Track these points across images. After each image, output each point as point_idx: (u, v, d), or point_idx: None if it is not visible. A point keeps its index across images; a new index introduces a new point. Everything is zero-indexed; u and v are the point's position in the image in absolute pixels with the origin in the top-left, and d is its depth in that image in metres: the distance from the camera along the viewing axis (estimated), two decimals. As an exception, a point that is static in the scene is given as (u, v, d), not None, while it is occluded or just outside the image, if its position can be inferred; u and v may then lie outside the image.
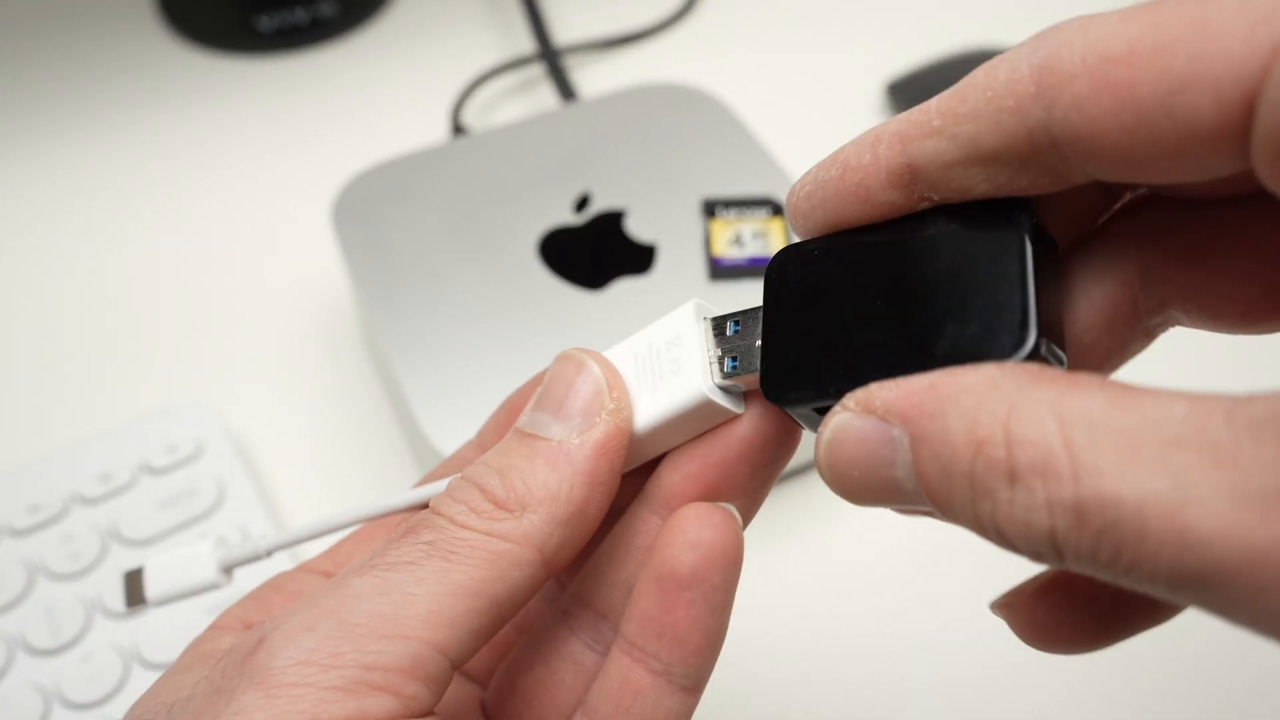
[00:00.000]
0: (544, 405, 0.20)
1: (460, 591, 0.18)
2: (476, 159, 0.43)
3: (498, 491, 0.19)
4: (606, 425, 0.19)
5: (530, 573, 0.18)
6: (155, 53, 0.60)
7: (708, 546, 0.19)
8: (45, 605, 0.35)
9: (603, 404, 0.20)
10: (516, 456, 0.19)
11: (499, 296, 0.38)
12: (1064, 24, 0.16)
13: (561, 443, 0.19)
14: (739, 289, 0.38)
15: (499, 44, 0.60)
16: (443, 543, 0.18)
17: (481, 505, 0.18)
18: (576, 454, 0.19)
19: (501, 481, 0.19)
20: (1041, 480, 0.13)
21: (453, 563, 0.18)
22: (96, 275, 0.48)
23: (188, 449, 0.39)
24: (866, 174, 0.18)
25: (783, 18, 0.61)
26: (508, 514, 0.18)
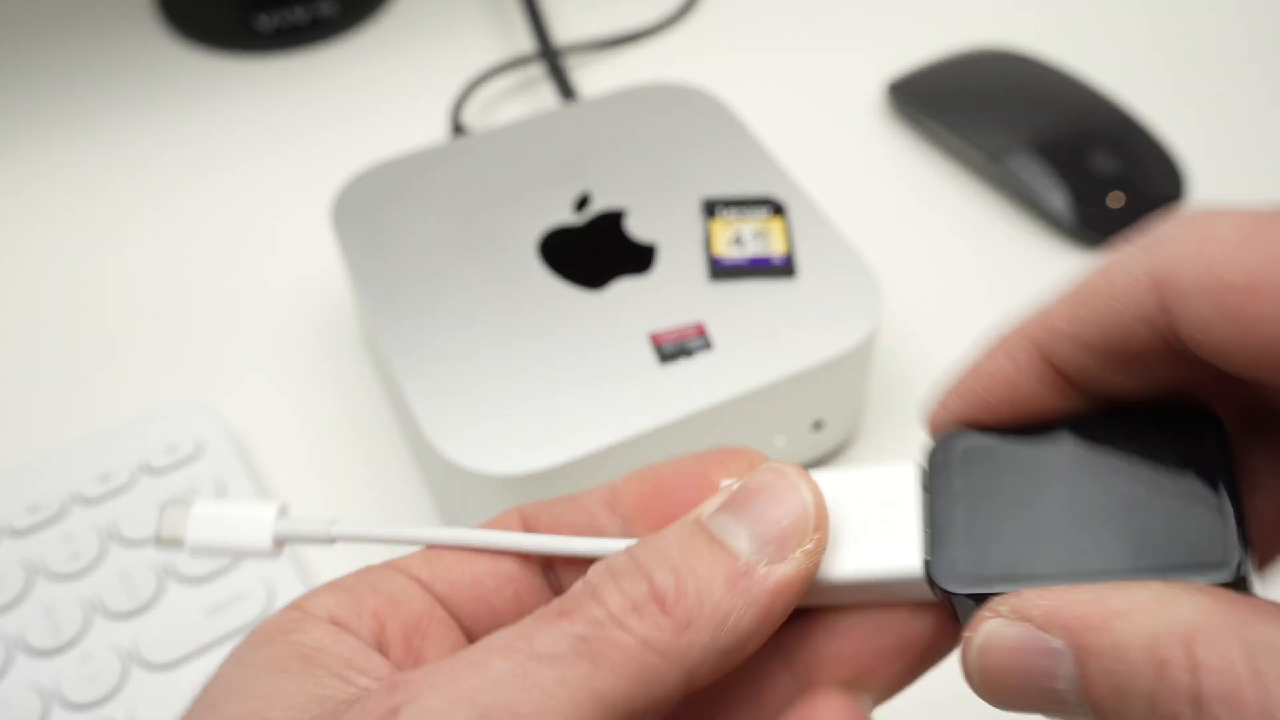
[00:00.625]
0: (741, 514, 0.18)
1: (599, 701, 0.16)
2: (476, 159, 0.43)
3: (668, 592, 0.17)
4: (799, 564, 0.17)
5: (670, 694, 0.17)
6: (154, 52, 0.60)
7: None
8: (45, 605, 0.35)
9: (804, 538, 0.18)
10: (697, 559, 0.17)
11: (499, 296, 0.38)
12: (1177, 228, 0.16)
13: (750, 565, 0.17)
14: (739, 289, 0.37)
15: (499, 43, 0.60)
16: (594, 640, 0.16)
17: (646, 603, 0.17)
18: (760, 585, 0.17)
19: (675, 583, 0.17)
20: (1227, 709, 0.13)
21: (599, 667, 0.16)
22: (96, 275, 0.48)
23: (187, 449, 0.39)
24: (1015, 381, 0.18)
25: (783, 17, 0.61)
26: (670, 623, 0.16)
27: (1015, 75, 0.53)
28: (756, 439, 0.37)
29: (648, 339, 0.36)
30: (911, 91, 0.54)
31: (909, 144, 0.54)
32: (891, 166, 0.53)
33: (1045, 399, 0.18)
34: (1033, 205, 0.49)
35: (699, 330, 0.36)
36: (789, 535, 0.17)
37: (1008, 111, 0.51)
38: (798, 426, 0.38)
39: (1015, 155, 0.49)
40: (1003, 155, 0.49)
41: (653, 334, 0.36)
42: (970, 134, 0.51)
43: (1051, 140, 0.50)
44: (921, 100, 0.53)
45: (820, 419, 0.38)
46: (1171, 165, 0.50)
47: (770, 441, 0.38)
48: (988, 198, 0.51)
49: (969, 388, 0.19)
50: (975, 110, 0.52)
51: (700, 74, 0.55)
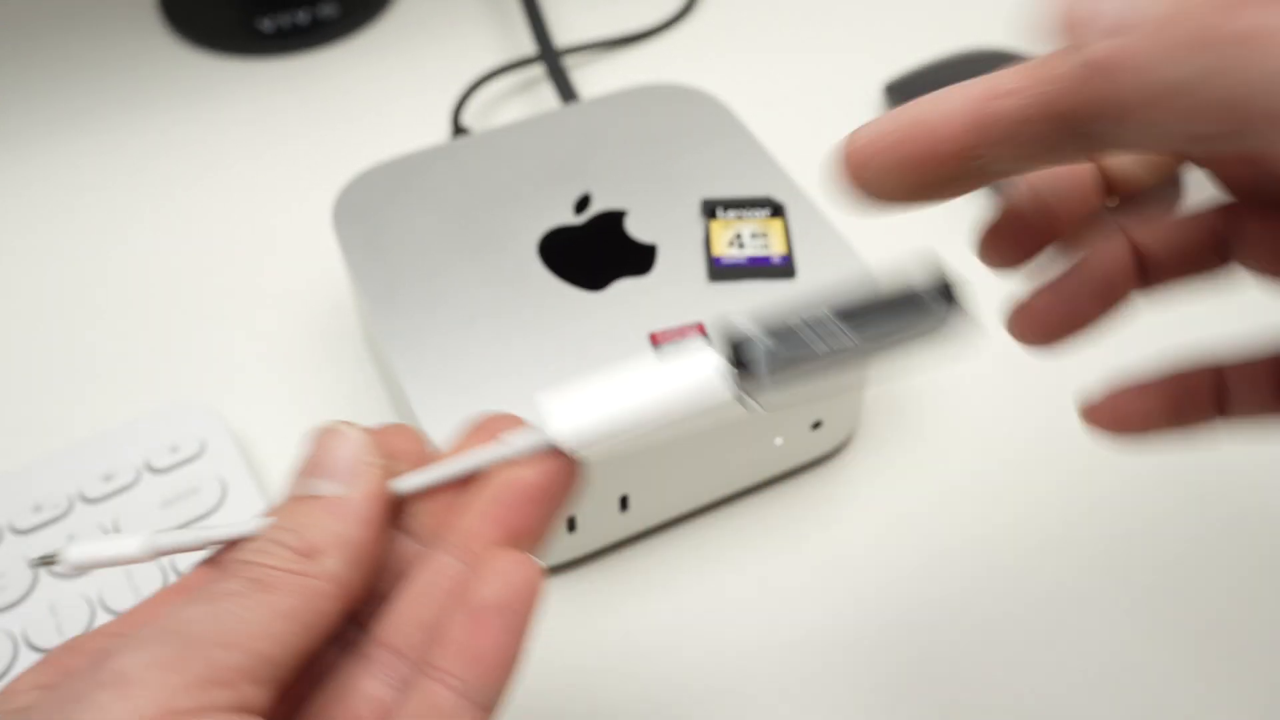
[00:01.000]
0: (315, 471, 0.23)
1: (282, 615, 0.21)
2: (477, 159, 0.43)
3: (296, 543, 0.22)
4: (375, 477, 0.23)
5: (334, 604, 0.22)
6: (157, 53, 0.60)
7: (516, 579, 0.22)
8: (49, 603, 0.35)
9: (367, 459, 0.23)
10: (305, 515, 0.22)
11: (499, 297, 0.38)
12: None
13: (339, 496, 0.23)
14: (739, 289, 0.38)
15: (499, 45, 0.60)
16: (263, 579, 0.21)
17: (288, 556, 0.22)
18: (355, 501, 0.23)
19: (299, 535, 0.22)
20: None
21: (273, 595, 0.21)
22: (98, 275, 0.49)
23: (190, 448, 0.39)
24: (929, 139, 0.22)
25: (782, 18, 0.61)
26: (308, 559, 0.22)
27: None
28: (756, 439, 0.37)
29: (648, 339, 0.36)
30: (908, 92, 0.54)
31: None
32: (890, 167, 0.53)
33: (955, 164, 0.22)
34: (1031, 206, 0.49)
35: (699, 330, 0.36)
36: (354, 463, 0.23)
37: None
38: (797, 426, 0.38)
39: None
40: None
41: (653, 334, 0.36)
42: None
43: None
44: (920, 101, 0.53)
45: (819, 419, 0.38)
46: (1169, 166, 0.50)
47: (770, 441, 0.38)
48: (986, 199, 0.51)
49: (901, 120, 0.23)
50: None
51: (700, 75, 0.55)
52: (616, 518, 0.37)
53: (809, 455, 0.40)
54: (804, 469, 0.40)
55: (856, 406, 0.40)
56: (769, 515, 0.39)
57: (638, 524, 0.38)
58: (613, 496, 0.36)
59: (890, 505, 0.39)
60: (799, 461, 0.40)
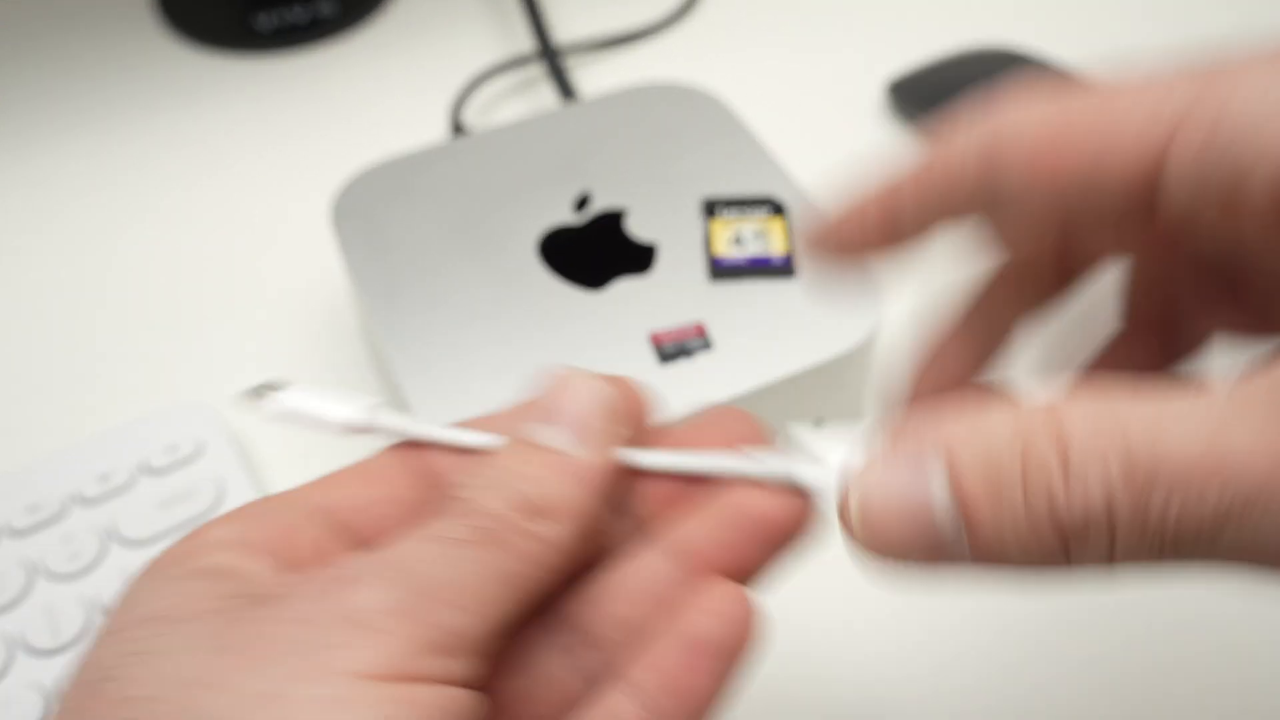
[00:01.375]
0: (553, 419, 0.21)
1: (507, 581, 0.19)
2: (476, 158, 0.43)
3: (529, 500, 0.20)
4: (612, 442, 0.21)
5: (553, 574, 0.20)
6: (154, 52, 0.60)
7: (737, 624, 0.20)
8: (45, 605, 0.35)
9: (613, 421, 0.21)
10: (536, 467, 0.20)
11: (499, 296, 0.38)
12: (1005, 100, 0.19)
13: (581, 461, 0.20)
14: (739, 289, 0.38)
15: (499, 43, 0.60)
16: (494, 532, 0.19)
17: (517, 512, 0.20)
18: (589, 468, 0.20)
19: (534, 489, 0.20)
20: (1097, 453, 0.14)
21: (503, 555, 0.19)
22: (96, 274, 0.48)
23: (187, 449, 0.39)
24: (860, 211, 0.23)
25: (783, 17, 0.61)
26: (541, 519, 0.20)
27: (1015, 75, 0.53)
28: (756, 439, 0.37)
29: (648, 339, 0.36)
30: (911, 91, 0.54)
31: (909, 143, 0.54)
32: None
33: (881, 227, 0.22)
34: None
35: (699, 330, 0.36)
36: (596, 421, 0.21)
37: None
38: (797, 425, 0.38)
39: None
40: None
41: (653, 334, 0.36)
42: (970, 134, 0.51)
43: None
44: (921, 100, 0.53)
45: (820, 418, 0.38)
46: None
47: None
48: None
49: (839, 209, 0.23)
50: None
51: (700, 74, 0.55)
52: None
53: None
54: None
55: (858, 406, 0.40)
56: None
57: (638, 525, 0.38)
58: (613, 497, 0.36)
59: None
60: (800, 462, 0.40)
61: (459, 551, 0.19)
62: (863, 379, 0.39)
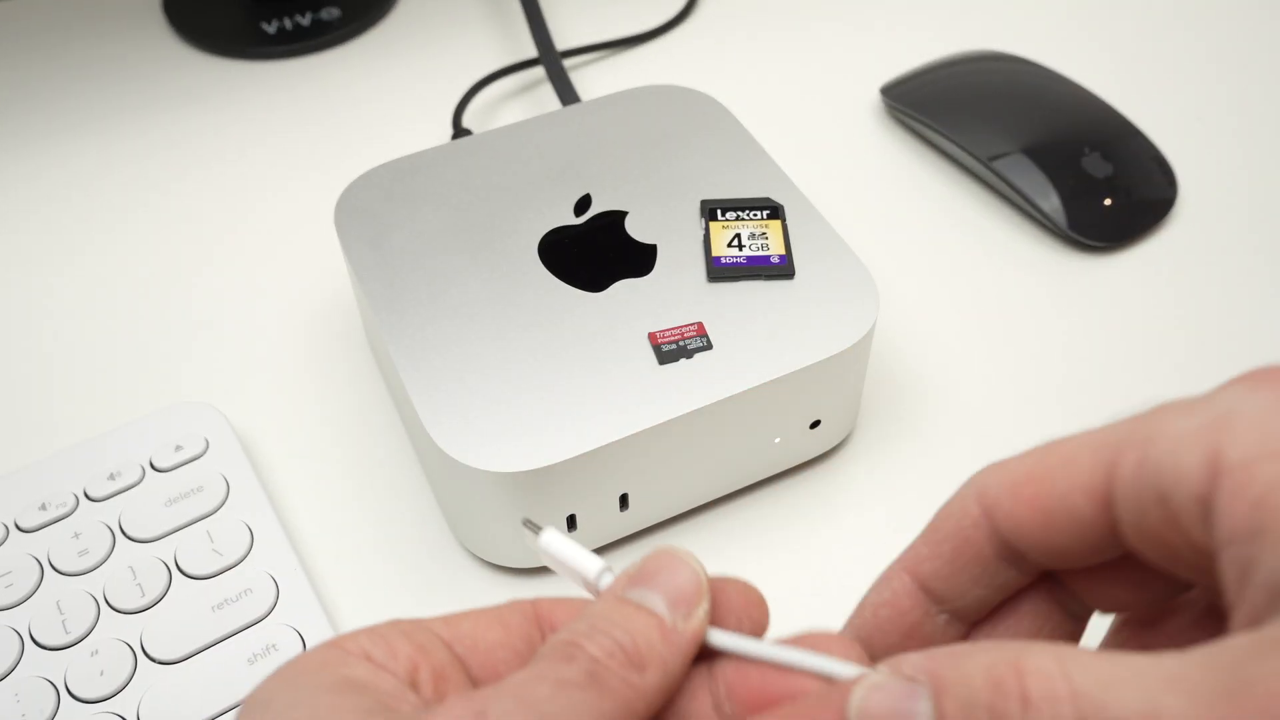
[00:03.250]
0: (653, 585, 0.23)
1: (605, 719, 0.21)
2: (478, 160, 0.43)
3: (628, 645, 0.22)
4: (702, 618, 0.23)
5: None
6: (161, 56, 0.61)
7: None
8: (54, 601, 0.35)
9: (701, 599, 0.23)
10: (636, 623, 0.22)
11: (500, 296, 0.38)
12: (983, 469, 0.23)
13: (672, 623, 0.22)
14: (738, 290, 0.38)
15: (500, 47, 0.60)
16: (599, 674, 0.21)
17: (618, 654, 0.22)
18: (682, 635, 0.22)
19: (630, 640, 0.22)
20: (1049, 704, 0.17)
21: (603, 698, 0.21)
22: (102, 274, 0.49)
23: (194, 447, 0.39)
24: (896, 604, 0.24)
25: (781, 20, 0.62)
26: (635, 668, 0.22)
27: (1008, 78, 0.54)
28: (755, 438, 0.38)
29: (647, 339, 0.37)
30: (903, 95, 0.54)
31: (904, 146, 0.54)
32: (888, 169, 0.53)
33: (919, 621, 0.24)
34: (1025, 208, 0.49)
35: (698, 330, 0.37)
36: (691, 597, 0.23)
37: (1000, 115, 0.52)
38: (796, 426, 0.38)
39: (1008, 159, 0.50)
40: (995, 159, 0.50)
41: (652, 334, 0.37)
42: (963, 138, 0.51)
43: (1044, 144, 0.50)
44: (914, 104, 0.53)
45: (818, 418, 0.39)
46: (1163, 168, 0.51)
47: (769, 441, 0.38)
48: (982, 199, 0.51)
49: (863, 618, 0.24)
50: (968, 114, 0.52)
51: (700, 76, 0.56)
52: (616, 516, 0.37)
53: (808, 454, 0.40)
54: (803, 468, 0.41)
55: (855, 405, 0.41)
56: (768, 513, 0.40)
57: (638, 522, 0.38)
58: (613, 495, 0.36)
59: (889, 503, 0.40)
60: (798, 460, 0.40)
61: (569, 692, 0.20)
62: (860, 378, 0.40)
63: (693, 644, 0.23)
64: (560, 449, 0.34)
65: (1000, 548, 0.22)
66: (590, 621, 0.22)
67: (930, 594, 0.23)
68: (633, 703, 0.21)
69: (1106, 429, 0.21)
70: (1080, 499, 0.21)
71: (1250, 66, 0.58)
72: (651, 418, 0.35)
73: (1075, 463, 0.21)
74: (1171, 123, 0.54)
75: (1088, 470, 0.21)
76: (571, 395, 0.35)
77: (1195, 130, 0.54)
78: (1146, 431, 0.20)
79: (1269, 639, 0.17)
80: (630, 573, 0.24)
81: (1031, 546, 0.22)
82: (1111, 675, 0.17)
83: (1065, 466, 0.21)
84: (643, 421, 0.34)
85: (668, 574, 0.23)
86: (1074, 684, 0.17)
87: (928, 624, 0.24)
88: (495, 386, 0.35)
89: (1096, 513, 0.21)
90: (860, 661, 0.22)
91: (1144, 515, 0.20)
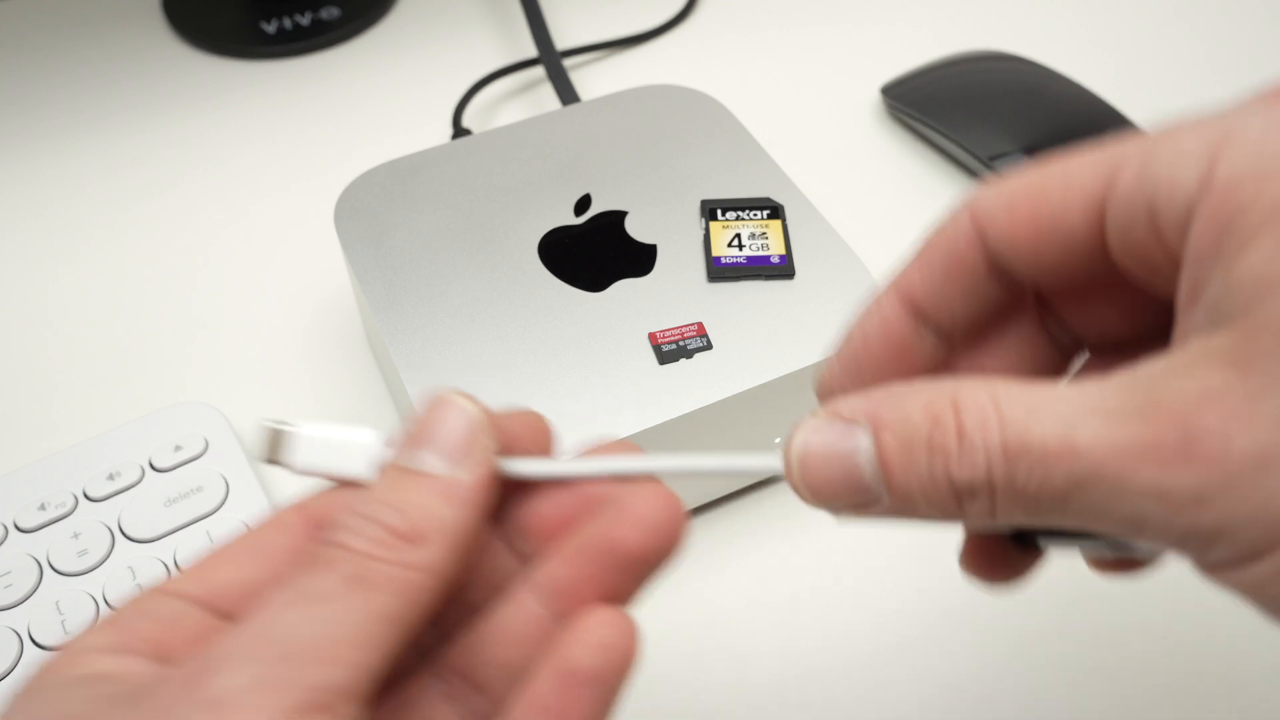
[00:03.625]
0: (424, 443, 0.21)
1: (381, 618, 0.19)
2: (478, 160, 0.43)
3: (399, 524, 0.20)
4: (489, 461, 0.21)
5: (432, 598, 0.20)
6: (160, 55, 0.61)
7: (613, 650, 0.20)
8: (53, 601, 0.35)
9: (482, 439, 0.21)
10: (409, 492, 0.21)
11: (500, 297, 0.38)
12: (979, 187, 0.22)
13: (449, 478, 0.21)
14: (738, 289, 0.38)
15: (500, 47, 0.60)
16: (361, 574, 0.20)
17: (387, 538, 0.20)
18: (466, 485, 0.21)
19: (401, 516, 0.20)
20: (981, 433, 0.18)
21: (372, 595, 0.19)
22: (101, 274, 0.49)
23: (193, 447, 0.39)
24: (888, 327, 0.23)
25: (781, 20, 0.62)
26: (411, 546, 0.20)
27: (1008, 78, 0.54)
28: (755, 438, 0.38)
29: (647, 339, 0.37)
30: (904, 94, 0.54)
31: (904, 146, 0.54)
32: (887, 169, 0.53)
33: (908, 338, 0.23)
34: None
35: (698, 330, 0.37)
36: (468, 440, 0.21)
37: (1001, 115, 0.52)
38: (795, 425, 0.38)
39: (1007, 158, 0.50)
40: (996, 159, 0.50)
41: (652, 334, 0.37)
42: (964, 137, 0.51)
43: (1044, 143, 0.50)
44: (914, 103, 0.53)
45: (818, 418, 0.39)
46: (1166, 167, 0.51)
47: (769, 441, 0.38)
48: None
49: (853, 345, 0.24)
50: (967, 113, 0.52)
51: (700, 76, 0.56)
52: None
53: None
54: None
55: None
56: (768, 513, 0.40)
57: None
58: (613, 495, 0.36)
59: (888, 504, 0.40)
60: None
61: (325, 607, 0.19)
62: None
63: (479, 490, 0.21)
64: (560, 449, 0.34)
65: (990, 262, 0.22)
66: (356, 509, 0.21)
67: (918, 313, 0.23)
68: (417, 586, 0.20)
69: (1111, 145, 0.21)
70: (1075, 212, 0.21)
71: (1251, 66, 0.58)
72: (651, 418, 0.34)
73: (1075, 176, 0.21)
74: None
75: (1087, 184, 0.20)
76: (571, 395, 0.35)
77: (1196, 130, 0.54)
78: (1150, 145, 0.20)
79: (1182, 361, 0.18)
80: (402, 438, 0.22)
81: (1021, 260, 0.22)
82: (1036, 403, 0.18)
83: (1064, 180, 0.21)
84: (643, 421, 0.34)
85: (438, 425, 0.21)
86: (1002, 414, 0.18)
87: (915, 344, 0.23)
88: (495, 386, 0.35)
89: (1090, 226, 0.20)
90: None
91: (1133, 226, 0.20)
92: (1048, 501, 0.18)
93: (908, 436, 0.19)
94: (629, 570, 0.21)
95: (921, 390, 0.19)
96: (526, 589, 0.22)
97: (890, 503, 0.19)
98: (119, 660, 0.20)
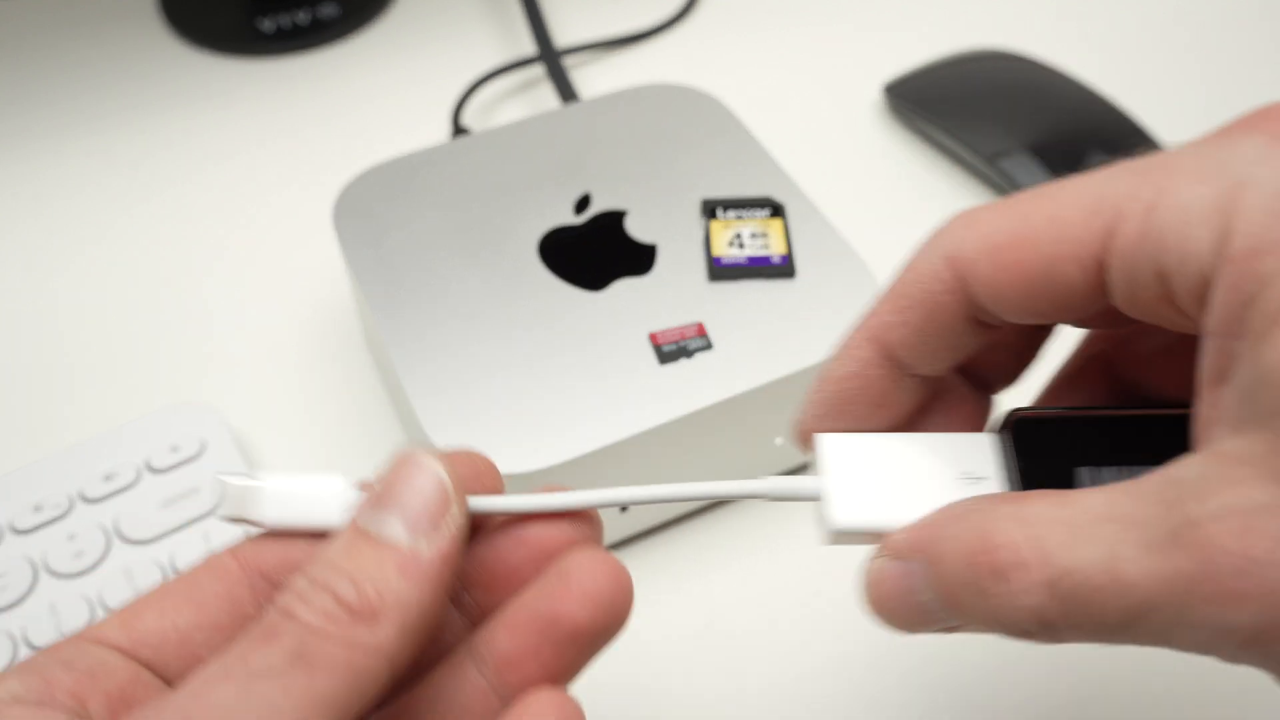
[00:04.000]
0: (389, 507, 0.20)
1: (322, 703, 0.18)
2: (477, 159, 0.43)
3: (352, 599, 0.19)
4: (454, 532, 0.20)
5: (381, 684, 0.19)
6: (157, 54, 0.60)
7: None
8: (49, 603, 0.35)
9: (449, 508, 0.20)
10: (366, 561, 0.19)
11: (499, 297, 0.38)
12: (951, 222, 0.21)
13: (413, 550, 0.19)
14: (739, 289, 0.38)
15: (499, 45, 0.60)
16: (305, 653, 0.18)
17: (337, 612, 0.18)
18: (427, 562, 0.19)
19: (356, 588, 0.19)
20: (1022, 573, 0.18)
21: (315, 677, 0.18)
22: (98, 274, 0.49)
23: (190, 448, 0.39)
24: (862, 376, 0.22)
25: (782, 18, 0.62)
26: (363, 624, 0.18)
27: (1011, 76, 0.54)
28: (755, 439, 0.37)
29: (647, 339, 0.36)
30: (907, 93, 0.54)
31: (907, 145, 0.54)
32: (890, 167, 0.53)
33: (886, 388, 0.22)
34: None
35: (699, 330, 0.37)
36: (435, 508, 0.20)
37: (1003, 113, 0.52)
38: (797, 426, 0.38)
39: (1011, 157, 0.49)
40: (998, 157, 0.50)
41: (652, 334, 0.36)
42: (966, 136, 0.51)
43: (1048, 142, 0.50)
44: (917, 102, 0.53)
45: (819, 418, 0.38)
46: (1169, 166, 0.51)
47: (769, 441, 0.38)
48: (986, 198, 0.51)
49: (825, 392, 0.23)
50: (971, 112, 0.52)
51: (700, 75, 0.55)
52: (616, 518, 0.37)
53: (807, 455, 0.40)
54: (803, 468, 0.40)
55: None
56: (768, 514, 0.39)
57: (637, 524, 0.38)
58: (613, 496, 0.36)
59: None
60: (798, 461, 0.40)
61: (263, 685, 0.18)
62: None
63: (442, 565, 0.19)
64: (560, 450, 0.34)
65: (973, 311, 0.21)
66: (311, 574, 0.19)
67: (897, 362, 0.22)
68: (364, 670, 0.18)
69: (1100, 183, 0.19)
70: (1069, 266, 0.19)
71: (1256, 65, 0.58)
72: (652, 418, 0.34)
73: (1064, 224, 0.19)
74: (1176, 121, 0.54)
75: (1080, 235, 0.19)
76: (571, 396, 0.35)
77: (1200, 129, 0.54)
78: (1150, 196, 0.19)
79: (1216, 471, 0.17)
80: (367, 496, 0.20)
81: (1009, 309, 0.21)
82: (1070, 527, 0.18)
83: (1053, 228, 0.20)
84: (643, 422, 0.34)
85: (406, 487, 0.20)
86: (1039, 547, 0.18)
87: (895, 390, 0.23)
88: (495, 386, 0.35)
89: (1088, 280, 0.19)
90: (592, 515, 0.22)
91: (1140, 287, 0.19)
92: (1109, 630, 0.17)
93: (954, 580, 0.19)
94: (574, 645, 0.20)
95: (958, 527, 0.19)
96: (470, 660, 0.21)
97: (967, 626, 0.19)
98: (36, 714, 0.18)
